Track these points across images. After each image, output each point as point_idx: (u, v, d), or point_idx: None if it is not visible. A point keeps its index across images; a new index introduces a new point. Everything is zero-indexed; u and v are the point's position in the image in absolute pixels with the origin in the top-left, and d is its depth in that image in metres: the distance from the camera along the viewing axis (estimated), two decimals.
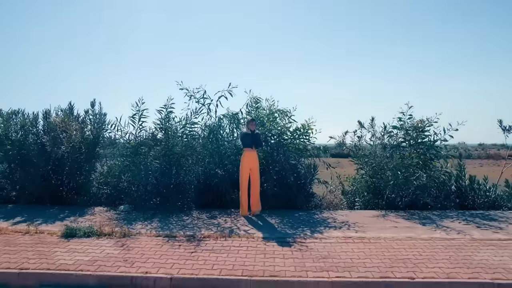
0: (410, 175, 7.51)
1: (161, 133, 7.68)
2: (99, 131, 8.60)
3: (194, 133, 7.70)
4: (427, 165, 7.94)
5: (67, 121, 8.46)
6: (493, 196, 8.15)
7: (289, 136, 7.92)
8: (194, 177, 7.50)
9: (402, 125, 8.04)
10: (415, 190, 7.50)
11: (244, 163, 6.74)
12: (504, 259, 4.32)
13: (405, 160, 7.67)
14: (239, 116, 8.07)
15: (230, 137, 8.11)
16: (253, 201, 6.83)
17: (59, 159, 8.25)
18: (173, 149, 7.14)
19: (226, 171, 7.70)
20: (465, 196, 8.17)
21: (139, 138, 7.62)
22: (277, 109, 8.12)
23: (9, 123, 8.38)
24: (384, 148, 8.15)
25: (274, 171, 7.65)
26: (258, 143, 6.87)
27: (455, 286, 3.62)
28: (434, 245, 4.86)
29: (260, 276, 3.78)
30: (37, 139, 8.30)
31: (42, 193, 8.08)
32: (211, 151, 7.73)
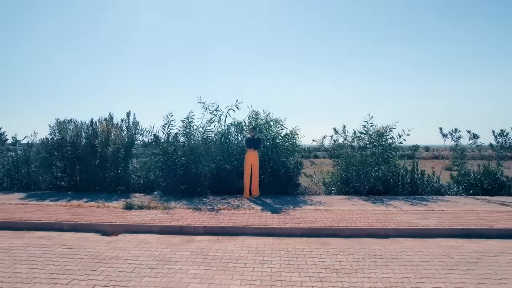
0: (371, 169, 10.03)
1: (183, 137, 10.21)
2: (133, 135, 11.12)
3: (210, 137, 10.20)
4: (388, 161, 10.47)
5: (109, 128, 10.98)
6: (437, 185, 10.66)
7: (280, 139, 10.45)
8: (209, 171, 9.99)
9: (367, 131, 10.55)
10: (374, 180, 10.02)
11: (247, 160, 9.28)
12: (411, 218, 6.82)
13: (367, 158, 10.18)
14: (243, 124, 10.59)
15: (236, 140, 10.63)
16: (253, 187, 9.35)
17: (104, 156, 10.76)
18: (194, 150, 9.66)
19: (233, 166, 10.22)
20: (416, 185, 10.67)
21: (167, 141, 10.12)
22: (271, 119, 10.67)
23: (66, 130, 10.90)
24: (353, 148, 10.67)
25: (269, 166, 10.17)
26: (257, 145, 9.40)
27: (371, 231, 6.10)
28: (373, 213, 7.35)
29: (257, 226, 6.27)
30: (89, 142, 10.78)
31: (92, 183, 10.61)
32: (221, 151, 10.25)
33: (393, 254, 5.06)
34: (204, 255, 5.02)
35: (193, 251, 5.18)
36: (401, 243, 5.63)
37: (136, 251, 5.17)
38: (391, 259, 4.85)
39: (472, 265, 4.62)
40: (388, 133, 10.58)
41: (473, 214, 7.30)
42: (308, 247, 5.38)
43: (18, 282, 4.01)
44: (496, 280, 4.13)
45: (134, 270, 4.42)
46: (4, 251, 5.17)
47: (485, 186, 10.56)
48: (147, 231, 6.27)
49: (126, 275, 4.24)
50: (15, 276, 4.21)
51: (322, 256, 4.98)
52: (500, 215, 7.18)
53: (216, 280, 4.09)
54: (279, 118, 10.66)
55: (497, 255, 5.06)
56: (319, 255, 5.00)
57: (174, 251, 5.20)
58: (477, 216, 7.10)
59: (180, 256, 4.95)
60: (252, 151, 9.32)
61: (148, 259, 4.81)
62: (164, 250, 5.25)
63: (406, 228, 6.16)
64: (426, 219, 6.83)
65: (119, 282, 4.04)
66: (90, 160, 10.65)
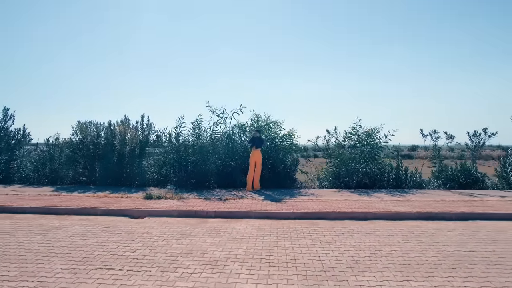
0: (359, 165, 11.33)
1: (193, 137, 11.52)
2: (147, 135, 12.43)
3: (217, 138, 11.51)
4: (374, 159, 11.77)
5: (126, 129, 12.29)
6: (418, 180, 11.96)
7: (279, 139, 11.75)
8: (216, 167, 11.28)
9: (356, 132, 11.86)
10: (362, 175, 11.32)
11: (252, 158, 10.60)
12: (388, 206, 8.12)
13: (356, 156, 11.49)
14: (246, 126, 11.89)
15: (239, 140, 11.93)
16: (256, 181, 10.66)
17: (121, 154, 12.06)
18: (203, 149, 10.97)
19: (237, 163, 11.52)
20: (400, 180, 11.97)
21: (179, 141, 11.42)
22: (271, 121, 11.97)
23: (87, 131, 12.21)
24: (344, 147, 11.98)
25: (269, 163, 11.48)
26: (260, 145, 10.70)
27: (352, 215, 7.39)
28: (357, 202, 8.65)
29: (259, 211, 7.58)
30: (108, 141, 12.09)
31: (110, 178, 11.91)
32: (227, 150, 11.56)
33: (367, 231, 6.36)
34: (216, 231, 6.32)
35: (208, 229, 6.48)
36: (376, 224, 6.93)
37: (162, 229, 6.48)
38: (365, 234, 6.15)
39: (427, 238, 5.92)
40: (375, 134, 11.89)
41: (441, 202, 8.61)
42: (300, 226, 6.69)
43: (78, 247, 5.31)
44: (440, 246, 5.42)
45: (164, 240, 5.72)
46: (57, 228, 6.48)
47: (461, 181, 11.86)
48: (168, 215, 7.58)
49: (158, 243, 5.54)
50: (73, 244, 5.51)
51: (310, 232, 6.28)
52: (464, 203, 8.48)
53: (228, 246, 5.39)
54: (278, 120, 12.00)
55: (449, 231, 6.36)
56: (308, 231, 6.31)
57: (192, 228, 6.51)
58: (444, 204, 8.41)
59: (198, 232, 6.26)
60: (256, 150, 10.62)
61: (173, 234, 6.12)
62: (184, 228, 6.55)
63: (382, 213, 7.47)
64: (400, 206, 8.13)
65: (154, 247, 5.34)
66: (109, 157, 11.95)
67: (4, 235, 6.00)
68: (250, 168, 10.62)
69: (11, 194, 9.65)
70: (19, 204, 8.16)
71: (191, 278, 4.12)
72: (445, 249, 5.28)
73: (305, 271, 4.36)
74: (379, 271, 4.37)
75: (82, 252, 5.11)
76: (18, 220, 7.12)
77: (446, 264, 4.61)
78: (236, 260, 4.74)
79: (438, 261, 4.73)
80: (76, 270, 4.37)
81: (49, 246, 5.39)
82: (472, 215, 7.40)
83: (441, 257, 4.90)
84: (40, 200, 8.75)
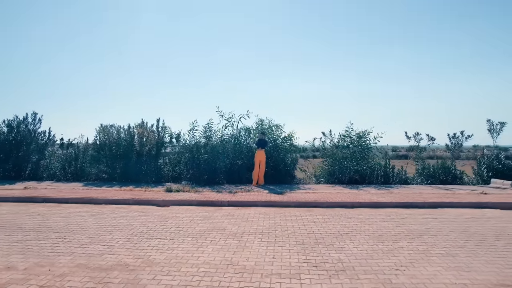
0: (351, 163, 12.87)
1: (204, 139, 13.05)
2: (163, 137, 13.95)
3: (225, 139, 13.04)
4: (365, 158, 13.30)
5: (143, 131, 13.81)
6: (404, 177, 13.50)
7: (280, 141, 13.28)
8: (224, 165, 12.80)
9: (348, 134, 13.40)
10: (353, 172, 12.85)
11: (257, 157, 12.13)
12: (373, 197, 9.65)
13: (348, 155, 13.03)
14: (251, 129, 13.42)
15: (245, 142, 13.45)
16: (260, 177, 12.19)
17: (140, 154, 13.57)
18: (214, 149, 12.50)
19: (243, 162, 13.05)
20: (388, 177, 13.50)
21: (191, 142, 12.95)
22: (273, 124, 13.51)
23: (109, 133, 13.73)
24: (337, 148, 13.52)
25: (271, 161, 13.00)
26: (264, 145, 12.22)
27: (342, 203, 8.91)
28: (347, 194, 10.18)
29: (265, 200, 9.10)
30: (128, 142, 13.60)
31: (130, 175, 13.42)
32: (234, 150, 13.08)
33: (353, 215, 7.89)
34: (231, 215, 7.84)
35: (224, 214, 8.01)
36: (360, 210, 8.45)
37: (186, 214, 7.99)
38: (350, 217, 7.67)
39: (399, 220, 7.44)
40: (366, 136, 13.43)
41: (418, 195, 10.14)
42: (298, 212, 8.21)
43: (125, 226, 6.82)
44: (407, 225, 6.95)
45: (191, 221, 7.24)
46: (102, 214, 7.99)
47: (441, 178, 13.39)
48: (188, 204, 9.10)
49: (187, 224, 7.05)
50: (121, 223, 7.02)
51: (306, 216, 7.81)
52: (437, 195, 10.02)
53: (242, 225, 6.91)
54: (279, 124, 13.54)
55: (419, 215, 7.89)
56: (305, 215, 7.83)
57: (211, 213, 8.03)
58: (420, 195, 9.94)
59: (216, 216, 7.77)
60: (260, 150, 12.14)
61: (196, 217, 7.64)
62: (204, 213, 8.07)
63: (366, 202, 9.00)
64: (383, 197, 9.67)
65: (184, 226, 6.85)
66: (129, 157, 13.47)
67: (62, 218, 7.52)
68: (256, 166, 12.15)
69: (49, 188, 11.16)
70: (62, 196, 9.68)
71: (218, 243, 5.64)
72: (410, 227, 6.80)
73: (302, 239, 5.88)
74: (356, 239, 5.89)
75: (130, 228, 6.62)
76: (66, 208, 8.64)
77: (408, 236, 6.14)
78: (250, 233, 6.26)
79: (403, 234, 6.26)
80: (132, 239, 5.89)
81: (102, 225, 6.91)
82: (441, 203, 8.93)
83: (406, 231, 6.42)
84: (77, 193, 10.26)
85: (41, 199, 9.45)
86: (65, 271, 4.40)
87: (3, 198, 9.55)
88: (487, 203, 8.96)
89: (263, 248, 5.38)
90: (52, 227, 6.74)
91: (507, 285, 3.98)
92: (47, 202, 9.36)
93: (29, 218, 7.46)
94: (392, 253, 5.15)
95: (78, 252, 5.15)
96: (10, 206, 8.79)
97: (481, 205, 8.87)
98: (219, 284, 4.01)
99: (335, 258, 4.93)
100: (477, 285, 3.96)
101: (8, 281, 4.05)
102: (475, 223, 7.13)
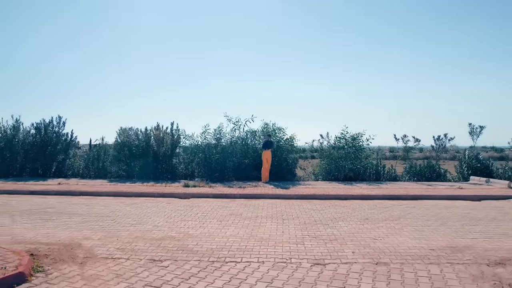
0: (346, 163, 14.44)
1: (214, 141, 14.61)
2: (177, 139, 15.49)
3: (234, 141, 14.60)
4: (358, 157, 14.88)
5: (160, 134, 15.35)
6: (393, 175, 15.08)
7: (282, 142, 14.85)
8: (233, 164, 14.34)
9: (343, 136, 14.97)
10: (348, 171, 14.42)
11: (264, 157, 13.69)
12: (364, 191, 11.20)
13: (343, 155, 14.60)
14: (256, 132, 14.99)
15: (251, 143, 15.01)
16: (267, 175, 13.75)
17: (156, 154, 15.10)
18: (224, 150, 14.06)
19: (249, 161, 14.60)
20: (379, 175, 15.07)
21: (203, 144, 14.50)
22: (276, 127, 15.08)
23: (128, 135, 15.27)
24: (334, 148, 15.09)
25: (275, 161, 14.56)
26: (270, 146, 13.79)
27: (337, 196, 10.46)
28: (341, 189, 11.73)
29: (271, 193, 10.65)
30: (146, 143, 15.13)
31: (147, 173, 14.95)
32: (241, 151, 14.63)
33: (346, 205, 9.44)
34: (244, 205, 9.38)
35: (238, 203, 9.55)
36: (352, 201, 10.00)
37: (206, 204, 9.53)
38: (343, 206, 9.22)
39: (384, 208, 9.00)
40: (359, 138, 15.00)
41: (403, 189, 11.72)
42: (300, 202, 9.76)
43: (158, 212, 8.35)
44: (390, 212, 8.50)
45: (212, 209, 8.77)
46: (135, 204, 9.51)
47: (427, 175, 14.98)
48: (206, 197, 10.64)
49: (209, 211, 8.58)
50: (152, 211, 8.55)
51: (307, 205, 9.35)
52: (419, 190, 11.60)
53: (255, 211, 8.45)
54: (281, 127, 15.11)
55: (401, 205, 9.44)
56: (305, 205, 9.38)
57: (226, 203, 9.56)
58: (405, 190, 11.52)
59: (232, 205, 9.31)
60: (267, 151, 13.70)
61: (216, 206, 9.17)
62: (221, 203, 9.60)
63: (358, 195, 10.56)
64: (372, 191, 11.23)
65: (208, 212, 8.38)
66: (147, 157, 15.00)
67: (104, 207, 9.05)
68: (263, 164, 13.70)
69: (80, 184, 12.70)
70: (95, 190, 11.23)
71: (239, 224, 7.18)
72: (392, 213, 8.37)
73: (304, 221, 7.43)
74: (347, 221, 7.44)
75: (164, 214, 8.16)
76: (102, 200, 10.17)
77: (388, 219, 7.69)
78: (262, 217, 7.81)
79: (385, 217, 7.81)
80: (169, 221, 7.43)
81: (140, 212, 8.45)
82: (421, 196, 10.50)
83: (388, 216, 7.98)
84: (106, 187, 11.80)
85: (78, 193, 10.98)
86: (129, 240, 5.93)
87: (46, 191, 11.09)
88: (459, 195, 10.54)
89: (274, 226, 6.93)
90: (99, 213, 8.27)
91: (452, 246, 5.54)
92: (83, 195, 10.88)
93: (77, 207, 8.99)
94: (373, 230, 6.70)
95: (132, 230, 6.69)
96: (55, 198, 10.32)
97: (455, 197, 10.44)
98: (245, 247, 5.55)
99: (329, 232, 6.49)
100: (430, 247, 5.51)
101: (91, 246, 5.57)
102: (445, 210, 8.70)
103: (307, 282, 4.14)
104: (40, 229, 6.65)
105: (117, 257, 5.00)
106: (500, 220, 7.66)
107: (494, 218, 7.86)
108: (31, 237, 6.05)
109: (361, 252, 5.28)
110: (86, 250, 5.30)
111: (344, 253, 5.23)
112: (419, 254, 5.19)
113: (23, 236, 6.06)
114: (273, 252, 5.28)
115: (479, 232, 6.52)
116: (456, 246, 5.58)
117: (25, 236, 6.07)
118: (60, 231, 6.51)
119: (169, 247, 5.53)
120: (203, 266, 4.66)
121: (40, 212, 8.30)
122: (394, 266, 4.67)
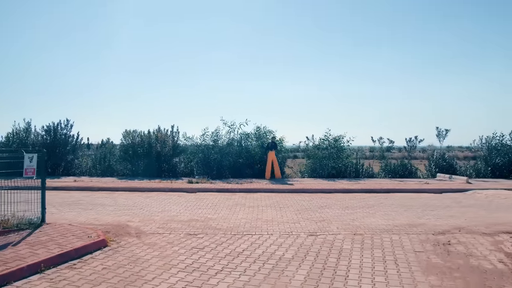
0: (328, 162, 16.34)
1: (212, 142, 16.27)
2: (177, 140, 17.08)
3: (230, 142, 16.30)
4: (340, 157, 16.79)
5: (163, 135, 16.90)
6: (371, 172, 17.06)
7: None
8: (229, 163, 16.02)
9: (327, 138, 16.86)
10: (331, 169, 16.31)
11: (269, 157, 15.45)
12: (345, 186, 13.08)
13: (326, 155, 16.49)
14: (249, 134, 16.73)
15: (244, 144, 16.73)
16: (276, 172, 15.50)
17: (159, 154, 16.64)
18: (222, 150, 15.74)
19: (244, 160, 16.33)
20: (358, 172, 17.01)
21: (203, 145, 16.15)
22: (267, 130, 16.86)
23: (133, 137, 16.77)
24: (318, 149, 16.97)
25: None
26: (272, 148, 15.55)
27: (322, 190, 12.29)
28: (325, 184, 13.58)
29: (266, 188, 12.40)
30: (150, 145, 16.65)
31: (150, 171, 16.48)
32: (236, 151, 16.34)
33: (330, 197, 11.26)
34: (245, 197, 11.09)
35: (239, 196, 11.25)
36: (336, 194, 11.84)
37: (212, 197, 11.18)
38: (328, 198, 11.04)
39: (361, 199, 10.86)
40: (341, 139, 16.92)
41: (378, 184, 13.66)
42: (291, 195, 11.53)
43: (175, 204, 9.97)
44: (366, 202, 10.36)
45: (219, 201, 10.44)
46: (151, 197, 11.09)
47: (400, 173, 17.01)
48: (210, 191, 12.29)
49: (217, 202, 10.24)
50: (170, 202, 10.16)
51: (297, 197, 11.12)
52: (392, 185, 13.56)
53: (255, 202, 10.16)
54: (272, 130, 16.89)
55: (375, 197, 11.33)
56: (296, 197, 11.15)
57: (229, 196, 11.25)
58: (380, 185, 13.46)
59: (234, 198, 11.00)
60: (271, 152, 15.46)
61: (221, 198, 10.85)
62: (225, 196, 11.28)
63: (340, 189, 12.42)
64: (352, 186, 13.13)
65: (216, 203, 10.05)
66: (150, 156, 16.52)
67: (126, 199, 10.60)
68: (267, 164, 15.45)
69: (94, 181, 14.16)
70: (112, 186, 12.75)
71: (245, 211, 8.89)
72: (367, 202, 10.24)
73: (297, 208, 9.20)
74: (332, 209, 9.25)
75: (180, 204, 9.80)
76: (120, 194, 11.70)
77: (365, 206, 9.54)
78: (262, 206, 9.54)
79: (361, 205, 9.66)
80: (187, 209, 9.07)
81: (159, 203, 10.04)
82: (392, 189, 12.44)
83: (364, 205, 9.84)
84: (119, 184, 13.32)
85: (96, 188, 12.47)
86: (164, 222, 7.56)
87: (67, 187, 12.55)
88: (425, 189, 12.54)
89: (274, 212, 8.68)
90: (125, 204, 9.83)
91: (410, 224, 7.40)
92: (102, 190, 12.37)
93: (103, 200, 10.53)
94: (353, 214, 8.53)
95: (161, 215, 8.31)
96: (78, 193, 11.80)
97: (421, 191, 12.42)
98: (255, 226, 7.27)
99: (318, 216, 8.28)
100: (394, 225, 7.36)
101: (137, 226, 7.18)
102: (411, 200, 10.64)
103: (306, 244, 5.91)
104: (87, 215, 8.21)
105: (161, 232, 6.65)
106: (452, 207, 9.63)
107: (448, 205, 9.83)
108: (84, 220, 7.62)
109: (343, 227, 7.09)
110: (135, 229, 6.92)
111: (331, 228, 7.02)
112: (385, 229, 7.03)
113: (77, 220, 7.62)
114: (277, 228, 7.03)
115: (433, 215, 8.44)
116: (413, 224, 7.45)
117: (79, 220, 7.62)
118: (104, 216, 8.09)
119: (197, 226, 7.20)
120: (228, 237, 6.37)
121: (74, 203, 9.81)
122: (367, 236, 6.49)
